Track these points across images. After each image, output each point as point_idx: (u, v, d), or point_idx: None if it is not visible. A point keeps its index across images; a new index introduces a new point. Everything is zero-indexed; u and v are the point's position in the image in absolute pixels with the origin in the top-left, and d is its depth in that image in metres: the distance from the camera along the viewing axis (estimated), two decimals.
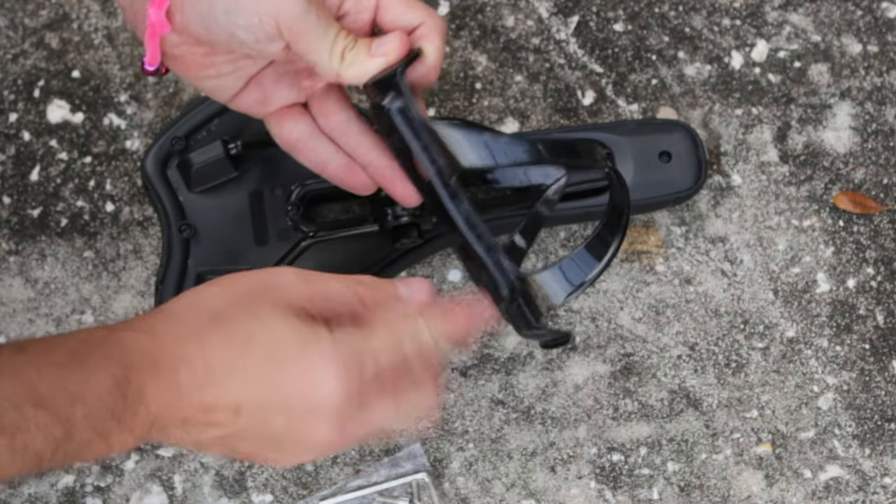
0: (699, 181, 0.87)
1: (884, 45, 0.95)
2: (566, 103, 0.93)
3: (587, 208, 0.86)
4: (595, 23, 0.95)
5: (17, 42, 0.94)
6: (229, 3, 0.64)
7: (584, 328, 0.89)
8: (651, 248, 0.91)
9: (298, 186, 0.84)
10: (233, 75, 0.70)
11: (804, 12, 0.95)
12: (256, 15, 0.64)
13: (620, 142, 0.87)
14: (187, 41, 0.67)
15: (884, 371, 0.89)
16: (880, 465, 0.87)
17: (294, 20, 0.65)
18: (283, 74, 0.71)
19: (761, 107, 0.93)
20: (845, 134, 0.93)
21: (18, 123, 0.92)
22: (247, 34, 0.65)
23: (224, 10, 0.64)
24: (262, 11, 0.64)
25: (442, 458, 0.87)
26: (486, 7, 0.95)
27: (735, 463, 0.87)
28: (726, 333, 0.89)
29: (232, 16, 0.65)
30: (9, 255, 0.90)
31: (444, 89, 0.93)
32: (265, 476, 0.86)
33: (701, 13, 0.95)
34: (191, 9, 0.65)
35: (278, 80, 0.71)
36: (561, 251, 0.90)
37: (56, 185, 0.91)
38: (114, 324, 0.59)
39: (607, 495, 0.87)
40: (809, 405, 0.88)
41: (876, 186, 0.92)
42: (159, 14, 0.66)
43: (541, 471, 0.87)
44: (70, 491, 0.86)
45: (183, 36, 0.67)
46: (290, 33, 0.65)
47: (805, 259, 0.91)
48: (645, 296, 0.90)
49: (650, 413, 0.88)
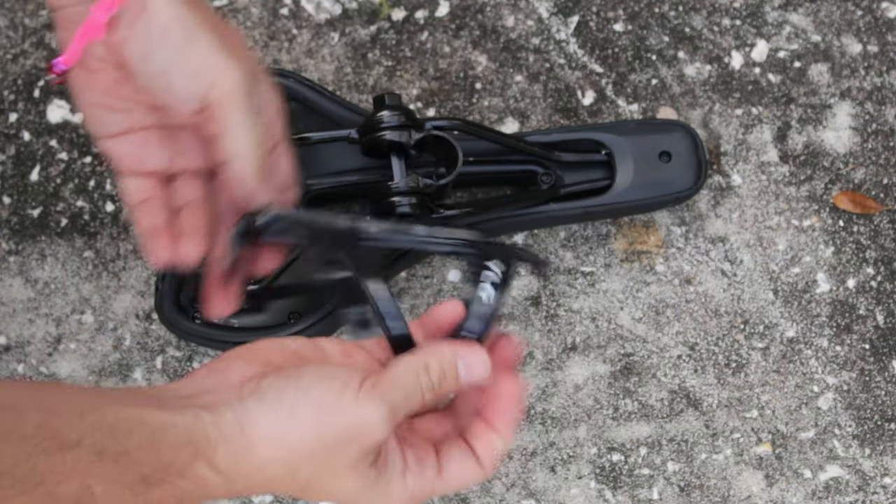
0: (699, 181, 0.87)
1: (884, 45, 0.95)
2: (566, 103, 0.93)
3: (587, 208, 0.86)
4: (595, 23, 0.95)
5: (17, 42, 0.94)
6: (182, 43, 0.63)
7: (584, 328, 0.89)
8: (651, 248, 0.91)
9: None
10: (124, 115, 0.67)
11: (804, 12, 0.95)
12: (199, 67, 0.63)
13: (620, 142, 0.87)
14: (110, 59, 0.65)
15: (884, 371, 0.89)
16: (880, 465, 0.87)
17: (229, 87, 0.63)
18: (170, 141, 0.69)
19: (761, 107, 0.93)
20: (845, 134, 0.93)
21: (18, 123, 0.92)
22: (179, 79, 0.63)
23: (174, 47, 0.63)
24: (207, 68, 0.63)
25: None
26: (486, 7, 0.95)
27: (735, 463, 0.87)
28: (726, 333, 0.89)
29: (177, 55, 0.63)
30: (9, 255, 0.90)
31: (445, 89, 0.93)
32: None
33: (701, 13, 0.95)
34: (143, 27, 0.63)
35: (163, 145, 0.68)
36: (561, 251, 0.90)
37: (56, 185, 0.91)
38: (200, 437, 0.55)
39: (607, 495, 0.87)
40: (809, 405, 0.88)
41: (876, 186, 0.92)
42: (103, 17, 0.63)
43: (541, 471, 0.87)
44: None
45: (110, 52, 0.64)
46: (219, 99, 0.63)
47: (805, 259, 0.91)
48: (645, 296, 0.90)
49: (650, 413, 0.88)
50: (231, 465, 0.55)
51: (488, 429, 0.61)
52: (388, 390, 0.56)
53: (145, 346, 0.88)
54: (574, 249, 0.91)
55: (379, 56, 0.94)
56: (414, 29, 0.94)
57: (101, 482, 0.51)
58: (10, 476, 0.49)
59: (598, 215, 0.87)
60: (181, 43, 0.63)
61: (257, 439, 0.55)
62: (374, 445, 0.56)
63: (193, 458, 0.54)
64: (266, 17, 0.95)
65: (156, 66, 0.63)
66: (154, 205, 0.69)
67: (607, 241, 0.91)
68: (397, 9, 0.95)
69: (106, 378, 0.88)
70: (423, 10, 0.95)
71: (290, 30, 0.94)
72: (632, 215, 0.91)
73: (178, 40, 0.63)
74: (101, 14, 0.63)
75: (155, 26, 0.63)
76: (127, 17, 0.63)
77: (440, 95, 0.93)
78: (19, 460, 0.50)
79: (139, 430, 0.53)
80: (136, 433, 0.53)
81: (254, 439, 0.55)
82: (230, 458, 0.54)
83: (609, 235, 0.91)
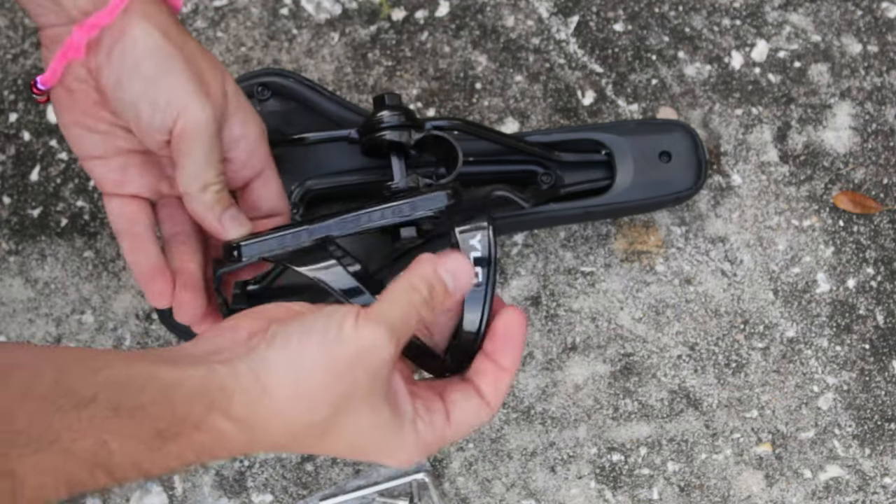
0: (699, 181, 0.87)
1: (884, 45, 0.95)
2: (566, 103, 0.93)
3: (587, 208, 0.86)
4: (595, 23, 0.95)
5: (17, 42, 0.94)
6: (153, 75, 0.63)
7: (584, 328, 0.89)
8: (651, 248, 0.91)
9: (298, 186, 0.84)
10: (103, 137, 0.68)
11: (804, 12, 0.95)
12: (167, 101, 0.63)
13: (620, 142, 0.87)
14: (90, 82, 0.65)
15: (884, 371, 0.89)
16: (880, 465, 0.87)
17: (191, 124, 0.64)
18: (151, 166, 0.69)
19: (761, 107, 0.93)
20: (845, 134, 0.93)
21: (18, 123, 0.92)
22: (148, 110, 0.64)
23: (146, 78, 0.63)
24: (174, 103, 0.63)
25: (442, 458, 0.87)
26: (486, 7, 0.95)
27: (735, 463, 0.87)
28: (726, 333, 0.89)
29: (148, 87, 0.63)
30: (9, 255, 0.90)
31: (445, 89, 0.93)
32: (265, 476, 0.86)
33: (701, 13, 0.95)
34: (118, 56, 0.64)
35: (144, 170, 0.69)
36: (561, 251, 0.90)
37: (56, 185, 0.91)
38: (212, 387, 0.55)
39: (607, 495, 0.87)
40: (809, 405, 0.88)
41: (876, 186, 0.92)
42: (82, 38, 0.63)
43: (541, 471, 0.87)
44: None
45: (90, 74, 0.65)
46: (180, 134, 0.64)
47: (805, 259, 0.91)
48: (645, 296, 0.90)
49: (650, 413, 0.88)
50: (248, 413, 0.55)
51: (491, 364, 0.62)
52: (383, 313, 0.57)
53: (145, 346, 0.88)
54: (574, 249, 0.91)
55: (379, 56, 0.94)
56: (414, 29, 0.94)
57: (117, 438, 0.52)
58: (26, 434, 0.50)
59: (598, 215, 0.87)
60: (153, 75, 0.63)
61: (272, 383, 0.55)
62: (382, 367, 0.57)
63: (209, 410, 0.54)
64: (266, 17, 0.95)
65: (127, 96, 0.64)
66: (142, 239, 0.69)
67: (607, 241, 0.91)
68: (397, 9, 0.95)
69: None
70: (423, 10, 0.95)
71: (290, 30, 0.94)
72: (632, 215, 0.91)
73: (151, 72, 0.63)
74: (81, 35, 0.63)
75: (129, 56, 0.63)
76: (106, 41, 0.64)
77: (440, 95, 0.93)
78: (35, 419, 0.50)
79: (153, 385, 0.53)
80: (150, 388, 0.53)
81: (269, 384, 0.55)
82: (247, 406, 0.55)
83: (609, 235, 0.91)
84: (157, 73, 0.63)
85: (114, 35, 0.63)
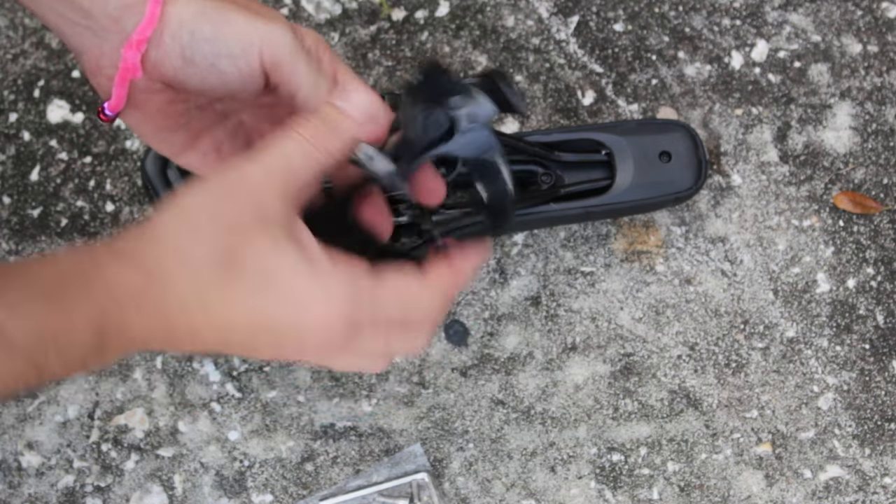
0: (699, 181, 0.87)
1: (884, 45, 0.95)
2: (566, 103, 0.93)
3: (587, 208, 0.86)
4: (595, 23, 0.95)
5: (17, 42, 0.94)
6: (212, 31, 0.62)
7: (584, 328, 0.89)
8: (651, 248, 0.91)
9: None
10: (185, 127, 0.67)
11: (804, 12, 0.95)
12: (241, 45, 0.63)
13: (620, 142, 0.87)
14: (153, 86, 0.65)
15: (884, 371, 0.89)
16: (880, 465, 0.87)
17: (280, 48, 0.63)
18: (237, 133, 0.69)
19: (761, 107, 0.93)
20: (845, 134, 0.93)
21: (18, 123, 0.92)
22: (229, 64, 0.63)
23: (205, 39, 0.62)
24: (249, 42, 0.63)
25: (442, 458, 0.87)
26: (486, 7, 0.95)
27: (735, 463, 0.87)
28: (726, 333, 0.89)
29: (214, 44, 0.62)
30: (9, 255, 0.90)
31: None
32: (265, 476, 0.87)
33: (701, 13, 0.95)
34: (170, 40, 0.63)
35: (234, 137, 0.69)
36: (561, 251, 0.90)
37: (56, 185, 0.91)
38: (97, 247, 0.57)
39: (607, 495, 0.87)
40: (809, 405, 0.88)
41: (876, 186, 0.92)
42: (136, 57, 0.63)
43: (541, 471, 0.87)
44: (70, 491, 0.86)
45: (152, 79, 0.65)
46: (274, 62, 0.63)
47: (805, 259, 0.91)
48: (645, 296, 0.90)
49: (650, 413, 0.88)
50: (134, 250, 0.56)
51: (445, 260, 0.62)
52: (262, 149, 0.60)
53: None
54: (574, 249, 0.91)
55: (379, 56, 0.94)
56: (414, 29, 0.94)
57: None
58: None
59: (598, 215, 0.87)
60: (213, 32, 0.63)
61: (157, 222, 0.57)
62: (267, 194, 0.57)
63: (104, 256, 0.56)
64: None
65: (201, 65, 0.63)
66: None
67: (607, 241, 0.91)
68: (397, 9, 0.95)
69: (106, 378, 0.88)
70: (423, 10, 0.95)
71: None
72: (632, 215, 0.91)
73: (209, 32, 0.63)
74: (134, 55, 0.63)
75: (183, 32, 0.63)
76: (153, 39, 0.63)
77: None
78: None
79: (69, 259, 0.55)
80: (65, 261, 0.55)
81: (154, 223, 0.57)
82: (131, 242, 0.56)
83: (609, 235, 0.91)
84: (216, 29, 0.63)
85: (157, 28, 0.63)
